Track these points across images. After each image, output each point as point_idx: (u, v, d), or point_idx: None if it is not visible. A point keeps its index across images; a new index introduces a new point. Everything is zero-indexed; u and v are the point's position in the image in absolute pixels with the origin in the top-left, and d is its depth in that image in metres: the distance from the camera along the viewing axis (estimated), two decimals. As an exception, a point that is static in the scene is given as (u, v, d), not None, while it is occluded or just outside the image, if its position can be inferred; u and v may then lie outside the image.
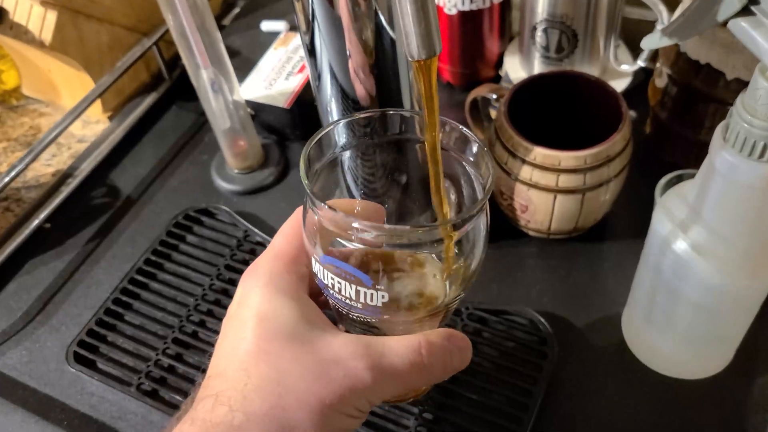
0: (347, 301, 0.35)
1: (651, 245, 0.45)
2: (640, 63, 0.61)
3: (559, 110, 0.56)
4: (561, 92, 0.56)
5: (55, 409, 0.54)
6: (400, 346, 0.34)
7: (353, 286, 0.34)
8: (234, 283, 0.59)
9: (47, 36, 0.68)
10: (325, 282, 0.35)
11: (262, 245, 0.60)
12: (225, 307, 0.56)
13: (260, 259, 0.37)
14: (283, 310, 0.34)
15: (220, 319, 0.56)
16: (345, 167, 0.41)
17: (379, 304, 0.35)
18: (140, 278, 0.60)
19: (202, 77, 0.59)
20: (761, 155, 0.35)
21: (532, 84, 0.56)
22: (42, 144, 0.65)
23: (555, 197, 0.53)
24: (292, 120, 0.67)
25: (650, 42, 0.40)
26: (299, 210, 0.38)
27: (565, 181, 0.52)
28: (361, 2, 0.42)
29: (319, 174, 0.39)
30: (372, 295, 0.35)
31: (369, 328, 0.38)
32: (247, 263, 0.60)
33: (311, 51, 0.47)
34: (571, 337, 0.53)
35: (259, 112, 0.68)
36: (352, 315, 0.37)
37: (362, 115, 0.38)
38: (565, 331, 0.53)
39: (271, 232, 0.61)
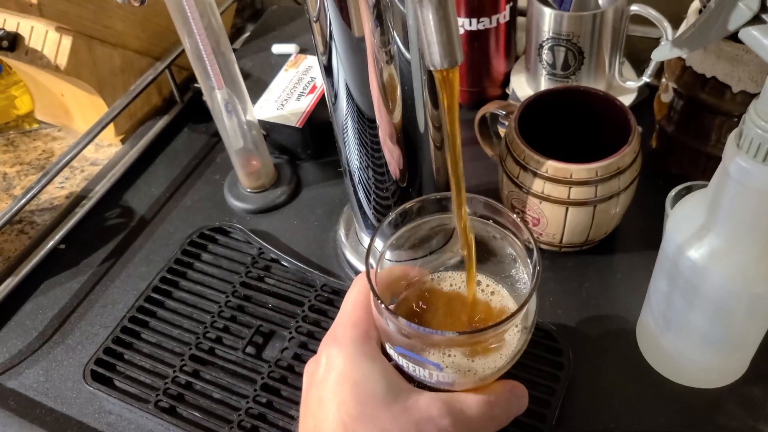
0: (420, 377, 0.39)
1: (666, 253, 0.46)
2: (646, 78, 0.62)
3: (568, 125, 0.57)
4: (569, 107, 0.57)
5: (72, 428, 0.54)
6: (474, 402, 0.39)
7: (425, 370, 0.38)
8: (250, 300, 0.59)
9: (62, 61, 0.69)
10: (399, 363, 0.39)
11: (277, 262, 0.61)
12: (241, 324, 0.57)
13: (338, 327, 0.40)
14: (372, 374, 0.37)
15: (237, 336, 0.57)
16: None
17: (450, 381, 0.38)
18: (156, 296, 0.60)
19: (217, 98, 0.60)
20: (775, 160, 0.36)
21: (541, 99, 0.57)
22: (57, 167, 0.66)
23: (567, 210, 0.54)
24: (304, 139, 0.68)
25: (661, 53, 0.41)
26: (362, 276, 0.41)
27: (577, 193, 0.52)
28: (377, 23, 0.43)
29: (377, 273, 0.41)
30: (443, 376, 0.38)
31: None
32: (262, 280, 0.60)
33: (328, 70, 0.48)
34: (586, 347, 0.53)
35: (271, 132, 0.69)
36: (426, 384, 0.40)
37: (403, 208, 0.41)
38: (580, 342, 0.54)
39: (285, 249, 0.62)
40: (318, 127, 0.69)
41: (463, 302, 0.42)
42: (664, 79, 0.61)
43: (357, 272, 0.60)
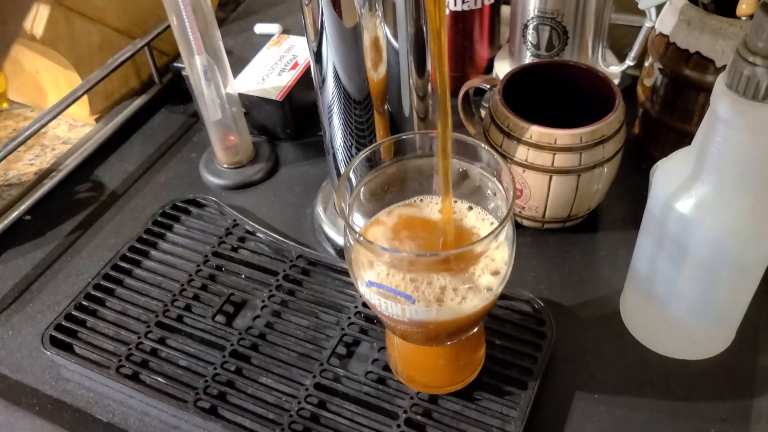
0: (393, 317, 0.38)
1: (651, 212, 0.45)
2: (629, 62, 0.62)
3: (552, 99, 0.57)
4: (553, 81, 0.57)
5: (27, 395, 0.51)
6: None
7: (398, 305, 0.37)
8: (222, 269, 0.57)
9: (38, 30, 0.67)
10: (372, 302, 0.39)
11: (252, 234, 0.59)
12: (212, 293, 0.55)
13: None
14: None
15: (207, 305, 0.54)
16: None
17: (422, 317, 0.37)
18: (124, 265, 0.57)
19: (196, 65, 0.59)
20: (765, 96, 0.36)
21: (525, 73, 0.56)
22: (25, 133, 0.64)
23: (550, 179, 0.53)
24: (284, 116, 0.66)
25: (648, 1, 0.41)
26: None
27: (561, 160, 0.51)
28: (365, 12, 0.43)
29: (351, 206, 0.40)
30: (415, 311, 0.37)
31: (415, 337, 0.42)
32: (236, 251, 0.58)
33: (318, 56, 0.47)
34: (569, 320, 0.52)
35: (251, 109, 0.67)
36: (401, 327, 0.40)
37: (385, 142, 0.41)
38: (563, 315, 0.52)
39: (261, 224, 0.60)
40: (299, 106, 0.67)
41: (438, 230, 0.41)
42: (647, 63, 0.61)
43: (335, 246, 0.58)
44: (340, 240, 0.58)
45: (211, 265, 0.57)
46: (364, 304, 0.53)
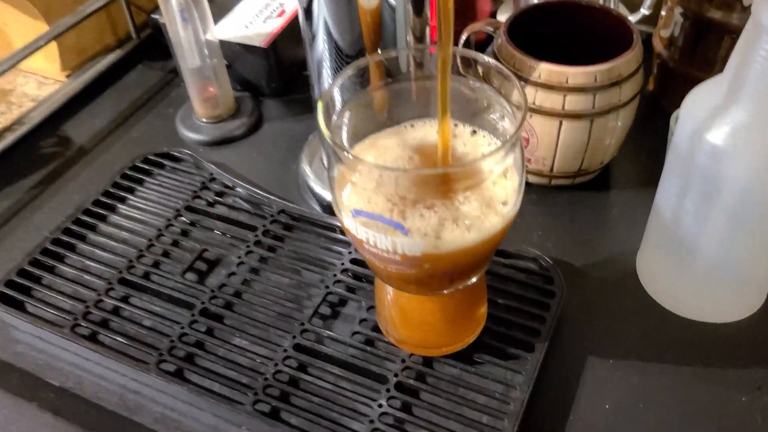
0: (383, 254, 0.33)
1: (677, 150, 0.39)
2: (644, 10, 0.57)
3: (561, 42, 0.51)
4: (562, 23, 0.51)
5: (-29, 358, 0.45)
6: None
7: (388, 239, 0.32)
8: (196, 225, 0.51)
9: (4, -27, 0.62)
10: (359, 237, 0.33)
11: (230, 188, 0.54)
12: (184, 249, 0.50)
13: None
14: None
15: (178, 261, 0.49)
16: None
17: (417, 252, 0.32)
18: (87, 219, 0.52)
19: (171, 3, 0.54)
20: (818, -5, 0.31)
21: (532, 13, 0.51)
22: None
23: (560, 124, 0.47)
24: (269, 67, 0.61)
25: None
26: None
27: (573, 103, 0.46)
28: None
29: (337, 128, 0.35)
30: (409, 245, 0.32)
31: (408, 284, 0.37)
32: (212, 205, 0.53)
33: (308, 12, 0.44)
34: (579, 280, 0.47)
35: (234, 61, 0.62)
36: (391, 270, 0.34)
37: (377, 57, 0.36)
38: (573, 275, 0.47)
39: (242, 179, 0.55)
40: (285, 58, 0.62)
41: (435, 155, 0.36)
42: (663, 12, 0.56)
43: (321, 202, 0.53)
44: (326, 195, 0.52)
45: (184, 221, 0.52)
46: (352, 261, 0.47)
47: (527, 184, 0.53)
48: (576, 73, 0.46)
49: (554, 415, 0.40)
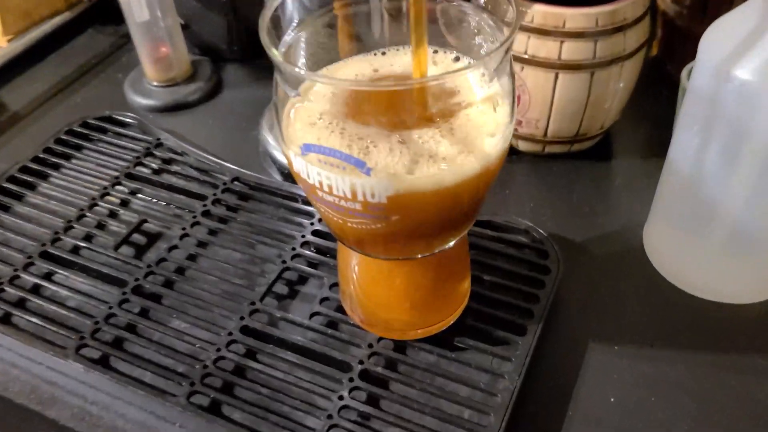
0: (342, 202, 0.26)
1: (698, 89, 0.33)
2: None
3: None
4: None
5: None
6: None
7: (347, 181, 0.25)
8: (137, 194, 0.45)
9: None
10: (311, 181, 0.26)
11: (179, 154, 0.47)
12: (121, 221, 0.43)
13: None
14: None
15: (113, 234, 0.42)
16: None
17: (383, 196, 0.25)
18: (12, 188, 0.45)
19: (116, -54, 0.47)
20: None
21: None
22: None
23: (556, 78, 0.41)
24: (229, 26, 0.55)
25: None
26: None
27: (571, 51, 0.40)
28: None
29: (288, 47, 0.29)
30: (373, 187, 0.25)
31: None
32: (157, 173, 0.46)
33: None
34: (578, 255, 0.40)
35: (191, 21, 0.55)
36: (352, 225, 0.27)
37: None
38: (571, 250, 0.41)
39: (194, 146, 0.48)
40: (248, 17, 0.56)
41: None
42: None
43: (283, 170, 0.46)
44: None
45: (123, 190, 0.45)
46: (315, 233, 0.41)
47: (517, 152, 0.47)
48: (574, 15, 0.39)
49: (549, 409, 0.33)
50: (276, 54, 0.25)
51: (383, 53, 0.30)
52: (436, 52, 0.30)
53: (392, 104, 0.25)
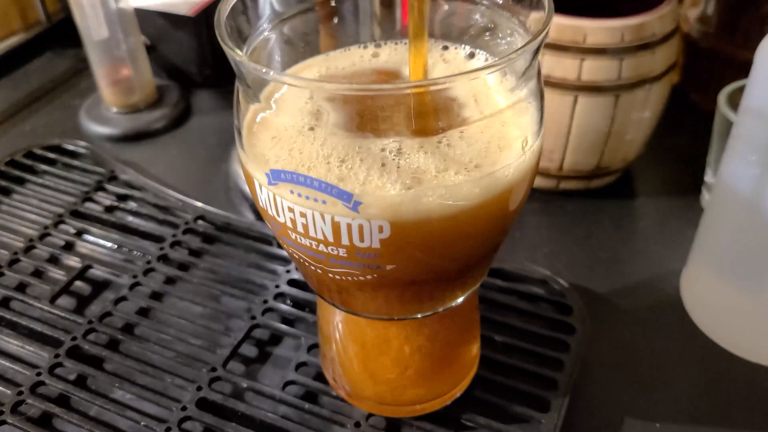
0: (321, 247, 0.20)
1: (751, 112, 0.28)
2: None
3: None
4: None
5: None
6: None
7: (327, 216, 0.19)
8: (83, 234, 0.38)
9: None
10: (281, 219, 0.20)
11: (136, 189, 0.40)
12: (62, 267, 0.36)
13: None
14: None
15: (50, 283, 0.35)
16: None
17: (376, 244, 0.19)
18: (-65, 227, 0.38)
19: (70, -47, 0.42)
20: None
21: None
22: None
23: (575, 101, 0.36)
24: (199, 47, 0.49)
25: None
26: None
27: (592, 70, 0.35)
28: None
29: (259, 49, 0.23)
30: (360, 226, 0.19)
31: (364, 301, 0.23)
32: (109, 211, 0.40)
33: None
34: (604, 310, 0.34)
35: (157, 41, 0.50)
36: (333, 275, 0.21)
37: None
38: (595, 303, 0.34)
39: (154, 180, 0.42)
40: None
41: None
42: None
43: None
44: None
45: (67, 230, 0.38)
46: (291, 282, 0.34)
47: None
48: (596, 28, 0.34)
49: (582, 507, 0.27)
50: (225, 37, 0.19)
51: (377, 45, 0.24)
52: (446, 48, 0.24)
53: (385, 113, 0.19)
